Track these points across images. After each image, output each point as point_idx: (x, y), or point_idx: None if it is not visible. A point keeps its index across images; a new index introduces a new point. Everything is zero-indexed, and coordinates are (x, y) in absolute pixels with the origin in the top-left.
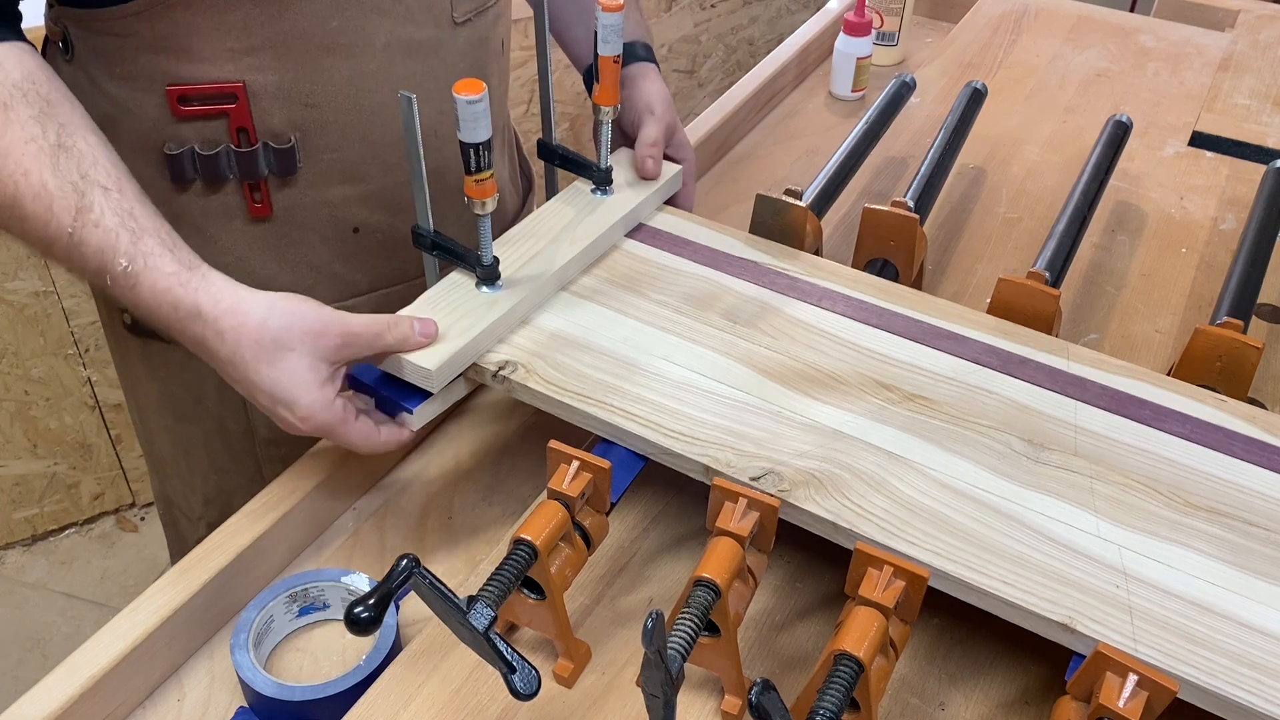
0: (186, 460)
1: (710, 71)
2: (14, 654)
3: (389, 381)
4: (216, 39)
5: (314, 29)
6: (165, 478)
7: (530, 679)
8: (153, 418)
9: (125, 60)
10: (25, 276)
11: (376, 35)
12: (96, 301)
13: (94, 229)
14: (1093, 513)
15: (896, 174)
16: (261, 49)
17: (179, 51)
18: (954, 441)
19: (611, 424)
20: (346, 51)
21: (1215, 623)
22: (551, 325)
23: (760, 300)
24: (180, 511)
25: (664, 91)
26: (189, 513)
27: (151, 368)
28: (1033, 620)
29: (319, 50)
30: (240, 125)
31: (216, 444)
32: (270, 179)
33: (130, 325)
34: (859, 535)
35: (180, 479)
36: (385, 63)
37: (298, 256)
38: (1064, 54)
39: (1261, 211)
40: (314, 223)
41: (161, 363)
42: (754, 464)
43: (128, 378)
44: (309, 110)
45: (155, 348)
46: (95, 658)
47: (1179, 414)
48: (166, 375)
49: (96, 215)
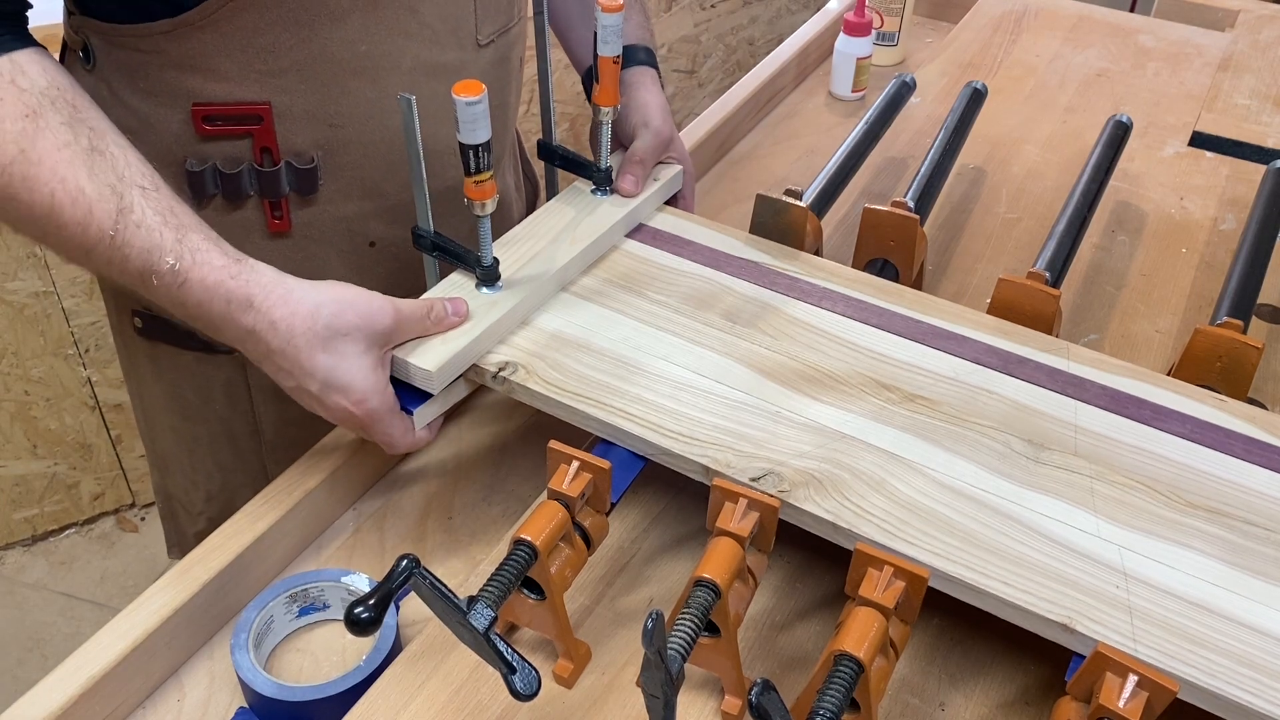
0: (190, 458)
1: (710, 71)
2: (14, 654)
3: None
4: (244, 60)
5: (342, 53)
6: (167, 473)
7: (530, 679)
8: (158, 417)
9: (149, 76)
10: (25, 276)
11: (403, 58)
12: (106, 304)
13: (136, 229)
14: (1092, 513)
15: (896, 174)
16: (289, 71)
17: (205, 71)
18: (954, 442)
19: (611, 424)
20: (373, 74)
21: (1215, 623)
22: (551, 326)
23: (760, 300)
24: (180, 505)
25: (662, 102)
26: (190, 508)
27: (159, 370)
28: (1032, 620)
29: (346, 73)
30: (264, 145)
31: (222, 444)
32: (291, 196)
33: (141, 329)
34: (859, 536)
35: (183, 475)
36: (409, 84)
37: (313, 270)
38: (1064, 54)
39: (1261, 211)
40: (331, 237)
41: (170, 365)
42: (754, 464)
43: (134, 379)
44: (333, 130)
45: (164, 350)
46: (95, 658)
47: (1179, 414)
48: (175, 378)
49: (138, 216)
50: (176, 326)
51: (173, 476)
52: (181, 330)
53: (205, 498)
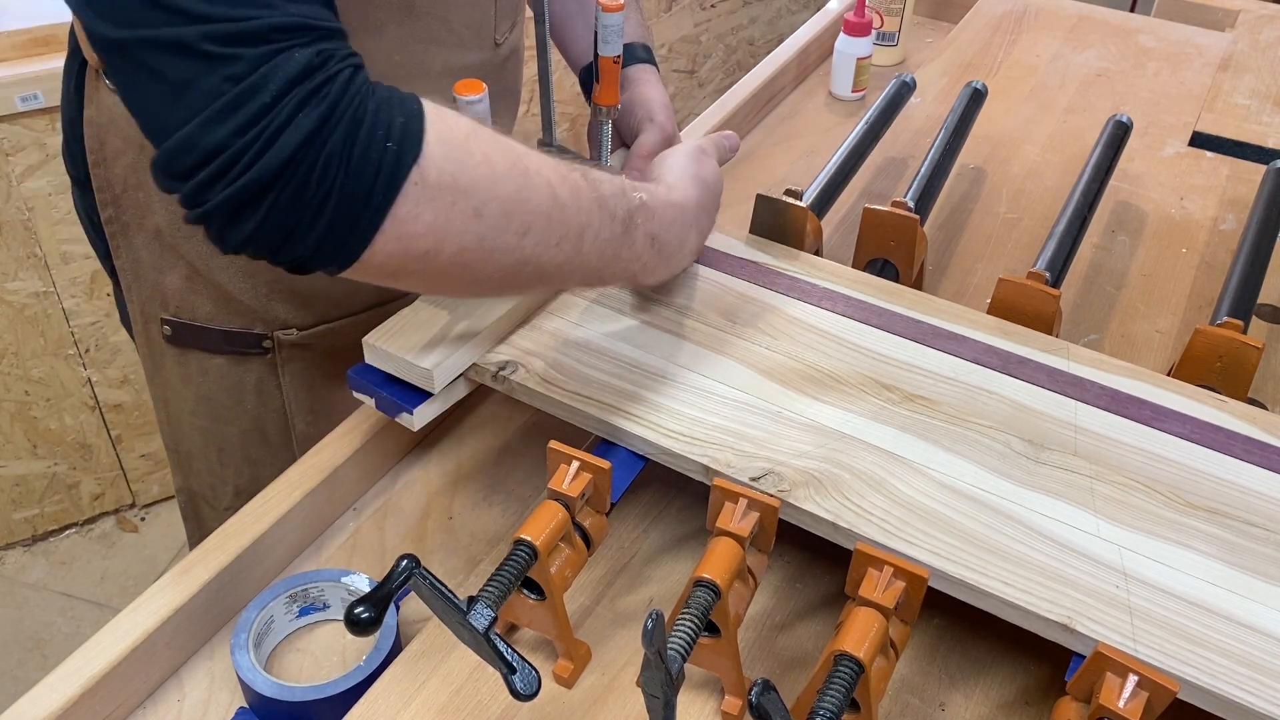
0: (220, 456)
1: (710, 71)
2: (14, 654)
3: (389, 381)
4: None
5: (380, 62)
6: (191, 473)
7: (530, 679)
8: (185, 419)
9: None
10: (25, 277)
11: (433, 64)
12: (132, 310)
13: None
14: (1092, 513)
15: (896, 174)
16: None
17: None
18: (954, 442)
19: (611, 424)
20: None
21: (1215, 623)
22: (551, 325)
23: (760, 300)
24: (205, 502)
25: (664, 97)
26: (216, 504)
27: (187, 375)
28: (1032, 620)
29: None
30: None
31: (253, 440)
32: None
33: (170, 337)
34: (859, 535)
35: (210, 474)
36: (437, 87)
37: None
38: (1064, 54)
39: (1261, 211)
40: None
41: (199, 370)
42: (754, 464)
43: (159, 383)
44: None
45: (194, 356)
46: (95, 658)
47: (1179, 414)
48: (203, 381)
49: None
50: (206, 332)
51: (198, 476)
52: (213, 334)
53: (234, 493)
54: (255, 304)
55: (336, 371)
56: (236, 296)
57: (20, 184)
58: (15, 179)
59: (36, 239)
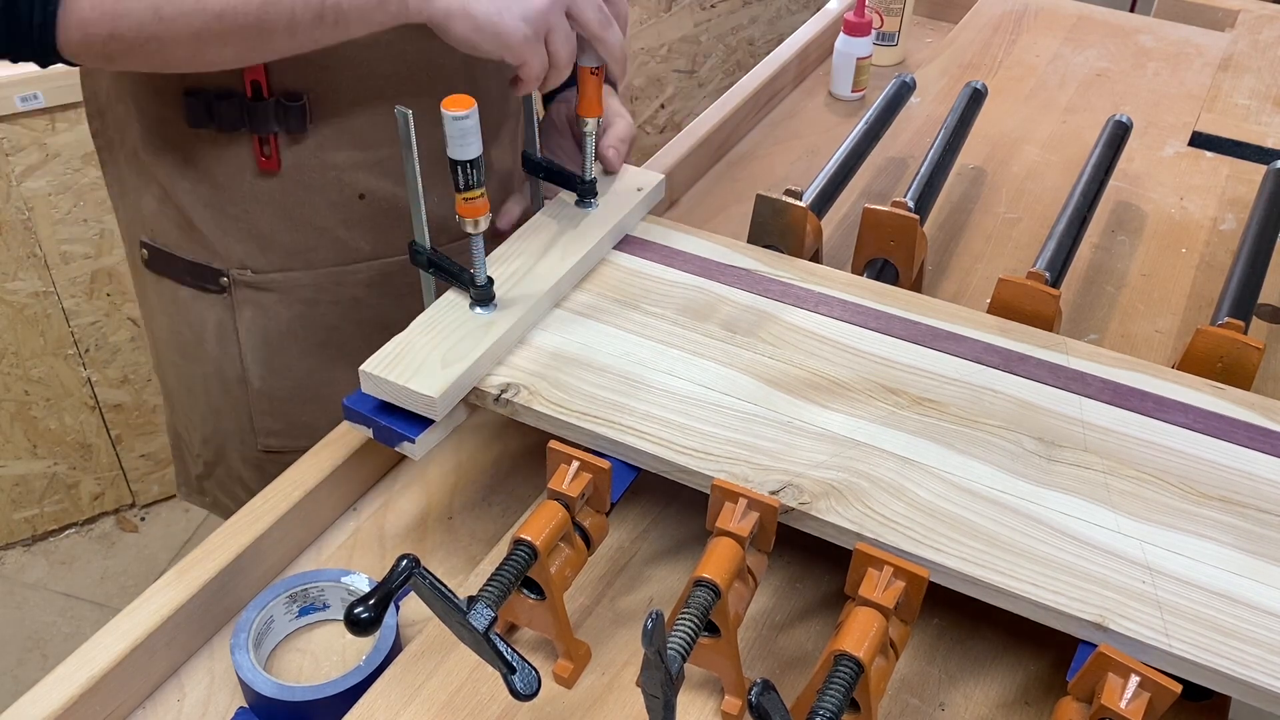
0: (189, 398)
1: (710, 71)
2: (14, 654)
3: (387, 410)
4: None
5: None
6: (174, 411)
7: (530, 679)
8: (164, 352)
9: None
10: (25, 276)
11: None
12: (121, 231)
13: None
14: (1110, 509)
15: (896, 174)
16: None
17: None
18: (966, 444)
19: (623, 443)
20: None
21: (1242, 612)
22: (549, 344)
23: (757, 308)
24: (185, 445)
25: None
26: (190, 448)
27: (163, 304)
28: (1066, 621)
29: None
30: (254, 78)
31: (214, 387)
32: (280, 135)
33: (146, 261)
34: (885, 545)
35: (184, 413)
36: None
37: (303, 216)
38: (1064, 54)
39: (1261, 212)
40: (320, 185)
41: (170, 299)
42: (771, 477)
43: (146, 310)
44: (323, 72)
45: (166, 285)
46: (95, 658)
47: (1180, 404)
48: (174, 312)
49: None
50: (174, 260)
51: (178, 414)
52: (180, 263)
53: (201, 440)
54: (214, 237)
55: (290, 330)
56: (198, 225)
57: (20, 184)
58: (15, 179)
59: (36, 239)
